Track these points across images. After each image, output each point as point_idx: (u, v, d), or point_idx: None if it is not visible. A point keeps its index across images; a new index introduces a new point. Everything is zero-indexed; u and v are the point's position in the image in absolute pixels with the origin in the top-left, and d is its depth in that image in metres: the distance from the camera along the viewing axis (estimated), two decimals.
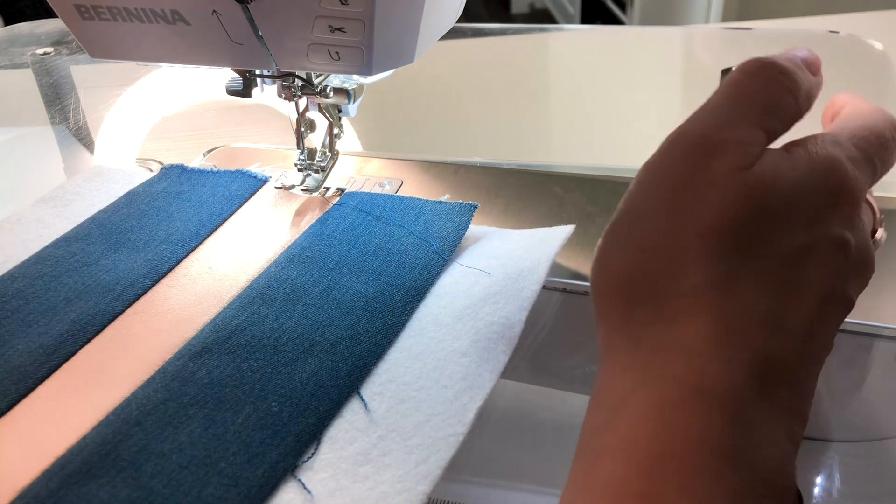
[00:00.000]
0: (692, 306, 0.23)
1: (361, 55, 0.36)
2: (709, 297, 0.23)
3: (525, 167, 0.55)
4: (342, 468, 0.29)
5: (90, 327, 0.37)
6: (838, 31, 0.77)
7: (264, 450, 0.29)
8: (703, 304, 0.23)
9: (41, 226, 0.46)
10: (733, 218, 0.24)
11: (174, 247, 0.43)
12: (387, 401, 0.32)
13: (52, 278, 0.40)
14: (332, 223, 0.44)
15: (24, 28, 0.88)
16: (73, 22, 0.38)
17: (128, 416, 0.31)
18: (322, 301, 0.38)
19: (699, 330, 0.23)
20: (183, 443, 0.30)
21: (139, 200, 0.47)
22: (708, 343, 0.23)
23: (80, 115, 0.68)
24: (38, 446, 0.30)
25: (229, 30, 0.36)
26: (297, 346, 0.35)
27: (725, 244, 0.24)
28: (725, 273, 0.23)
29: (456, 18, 0.43)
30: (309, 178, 0.49)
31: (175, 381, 0.33)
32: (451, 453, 0.30)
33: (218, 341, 0.35)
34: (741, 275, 0.23)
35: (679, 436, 0.21)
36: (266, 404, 0.31)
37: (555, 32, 1.05)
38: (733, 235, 0.24)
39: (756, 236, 0.24)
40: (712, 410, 0.22)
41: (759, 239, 0.24)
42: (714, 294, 0.23)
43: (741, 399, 0.22)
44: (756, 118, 0.26)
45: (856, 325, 0.38)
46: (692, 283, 0.23)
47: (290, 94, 0.44)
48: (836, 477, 0.36)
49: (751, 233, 0.24)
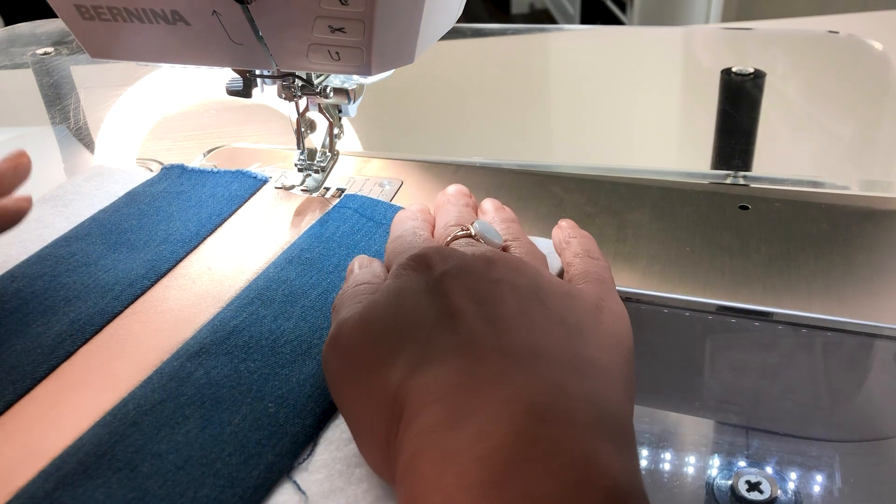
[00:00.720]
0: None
1: (361, 55, 0.36)
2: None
3: (525, 167, 0.55)
4: (338, 469, 0.29)
5: (89, 327, 0.37)
6: (838, 31, 0.76)
7: (260, 451, 0.29)
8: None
9: (41, 226, 0.46)
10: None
11: (174, 247, 0.43)
12: None
13: (51, 278, 0.40)
14: (332, 225, 0.44)
15: (24, 28, 0.88)
16: (73, 22, 0.38)
17: (125, 417, 0.31)
18: (321, 303, 0.38)
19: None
20: (179, 443, 0.29)
21: (139, 200, 0.47)
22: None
23: (80, 115, 0.68)
24: (35, 447, 0.30)
25: (229, 30, 0.36)
26: (295, 347, 0.35)
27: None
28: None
29: (456, 18, 0.43)
30: (309, 178, 0.48)
31: (172, 382, 0.33)
32: None
33: (216, 342, 0.35)
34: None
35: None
36: (263, 405, 0.31)
37: (555, 32, 1.05)
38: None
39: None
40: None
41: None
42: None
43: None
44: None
45: (856, 325, 0.38)
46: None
47: (290, 94, 0.44)
48: (837, 477, 0.36)
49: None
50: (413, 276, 0.31)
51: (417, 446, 0.24)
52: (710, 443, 0.39)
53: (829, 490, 0.35)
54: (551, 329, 0.29)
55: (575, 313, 0.31)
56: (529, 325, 0.28)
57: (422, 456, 0.24)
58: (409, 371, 0.27)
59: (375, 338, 0.29)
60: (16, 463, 0.29)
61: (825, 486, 0.35)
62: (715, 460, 0.37)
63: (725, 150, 0.60)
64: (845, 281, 0.41)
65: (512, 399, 0.24)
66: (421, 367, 0.27)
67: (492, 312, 0.29)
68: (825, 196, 0.49)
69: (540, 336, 0.28)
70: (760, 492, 0.34)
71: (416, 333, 0.28)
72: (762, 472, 0.35)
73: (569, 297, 0.32)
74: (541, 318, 0.29)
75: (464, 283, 0.30)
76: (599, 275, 0.35)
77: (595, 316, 0.31)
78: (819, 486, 0.35)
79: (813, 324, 0.39)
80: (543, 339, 0.28)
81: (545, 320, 0.29)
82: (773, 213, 0.47)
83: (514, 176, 0.53)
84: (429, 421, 0.25)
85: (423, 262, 0.31)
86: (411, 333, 0.28)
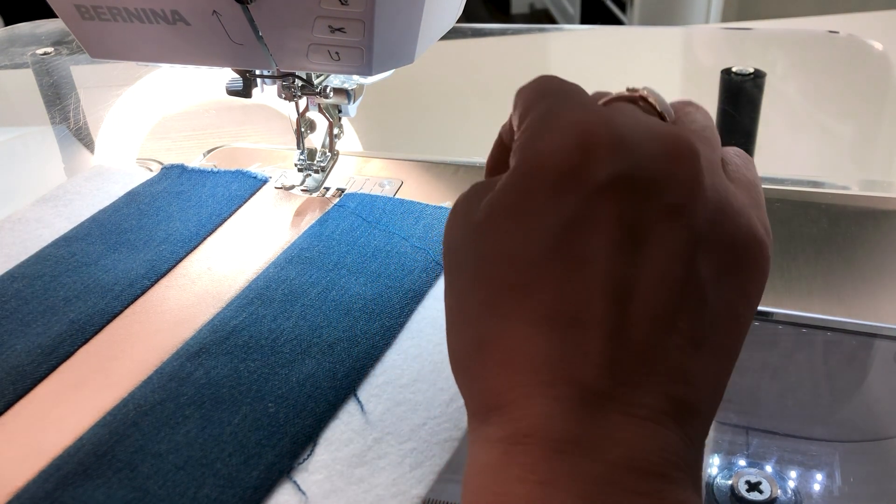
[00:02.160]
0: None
1: (361, 55, 0.36)
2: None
3: None
4: (337, 470, 0.29)
5: (89, 327, 0.37)
6: (838, 31, 0.76)
7: (260, 451, 0.29)
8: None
9: (41, 226, 0.46)
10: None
11: (173, 247, 0.43)
12: (383, 403, 0.32)
13: (51, 278, 0.40)
14: (331, 224, 0.44)
15: (24, 28, 0.88)
16: (73, 22, 0.38)
17: (125, 417, 0.31)
18: (320, 302, 0.38)
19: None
20: (179, 443, 0.29)
21: (139, 200, 0.47)
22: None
23: (80, 115, 0.68)
24: (35, 447, 0.30)
25: (229, 30, 0.36)
26: (295, 347, 0.35)
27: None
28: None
29: (456, 18, 0.43)
30: (309, 178, 0.48)
31: (172, 382, 0.33)
32: (447, 458, 0.30)
33: (216, 342, 0.35)
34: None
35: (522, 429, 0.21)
36: (263, 405, 0.31)
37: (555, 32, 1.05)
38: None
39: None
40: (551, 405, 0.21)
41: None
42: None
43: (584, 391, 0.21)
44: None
45: (856, 325, 0.38)
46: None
47: (290, 95, 0.44)
48: (837, 477, 0.36)
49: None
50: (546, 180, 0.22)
51: (511, 455, 0.21)
52: (710, 442, 0.39)
53: (828, 490, 0.35)
54: (717, 321, 0.22)
55: (748, 288, 0.23)
56: (655, 318, 0.21)
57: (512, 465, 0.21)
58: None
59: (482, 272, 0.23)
60: (16, 463, 0.29)
61: (825, 485, 0.35)
62: (715, 460, 0.37)
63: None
64: (845, 281, 0.41)
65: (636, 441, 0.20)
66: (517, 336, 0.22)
67: (627, 271, 0.21)
68: (825, 196, 0.49)
69: (664, 336, 0.21)
70: (760, 492, 0.34)
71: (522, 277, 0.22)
72: (762, 472, 0.35)
73: (724, 272, 0.23)
74: (683, 299, 0.22)
75: (622, 208, 0.22)
76: (751, 178, 0.26)
77: (732, 324, 0.23)
78: (819, 485, 0.35)
79: (813, 323, 0.39)
80: (702, 334, 0.22)
81: (677, 304, 0.22)
82: (773, 213, 0.47)
83: None
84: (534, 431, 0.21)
85: (573, 155, 0.22)
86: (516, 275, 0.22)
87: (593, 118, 0.22)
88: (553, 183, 0.22)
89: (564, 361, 0.21)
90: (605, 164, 0.22)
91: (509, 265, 0.22)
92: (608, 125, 0.22)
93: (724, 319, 0.23)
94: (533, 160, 0.23)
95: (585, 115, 0.23)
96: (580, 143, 0.22)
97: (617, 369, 0.21)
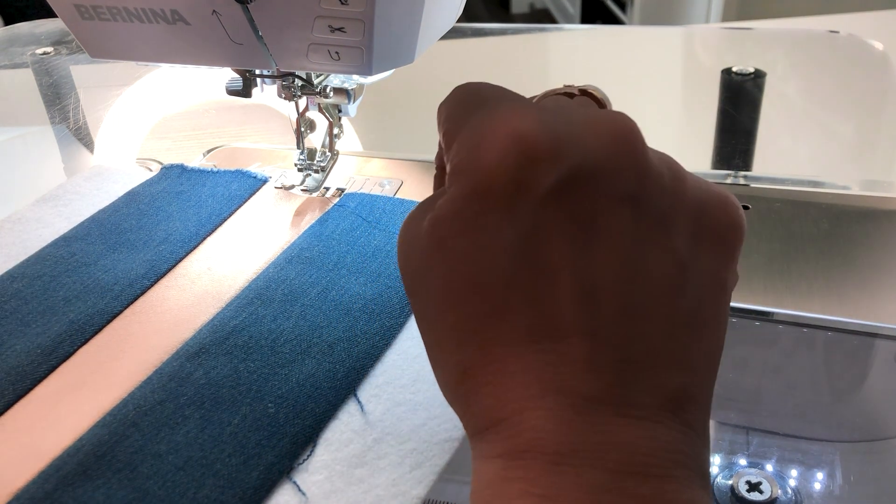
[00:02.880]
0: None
1: (361, 55, 0.36)
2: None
3: None
4: (337, 470, 0.29)
5: (88, 328, 0.37)
6: (838, 31, 0.76)
7: (260, 451, 0.29)
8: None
9: (41, 225, 0.46)
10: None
11: (173, 247, 0.43)
12: (383, 403, 0.32)
13: (51, 278, 0.40)
14: (331, 224, 0.44)
15: (24, 28, 0.88)
16: (73, 22, 0.38)
17: (124, 417, 0.31)
18: (320, 302, 0.38)
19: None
20: (179, 444, 0.29)
21: (139, 200, 0.47)
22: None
23: (80, 115, 0.68)
24: (35, 447, 0.30)
25: (229, 30, 0.36)
26: (295, 347, 0.35)
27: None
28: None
29: (456, 18, 0.43)
30: (309, 178, 0.48)
31: (172, 382, 0.33)
32: (447, 458, 0.30)
33: (215, 342, 0.35)
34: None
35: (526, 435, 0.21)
36: (263, 405, 0.31)
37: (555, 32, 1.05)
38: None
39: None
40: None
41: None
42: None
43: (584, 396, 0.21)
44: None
45: (856, 325, 0.38)
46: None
47: (290, 94, 0.44)
48: (837, 476, 0.36)
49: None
50: (490, 195, 0.21)
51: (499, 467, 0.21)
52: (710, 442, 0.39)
53: (829, 490, 0.35)
54: (702, 293, 0.22)
55: (727, 249, 0.22)
56: (632, 312, 0.21)
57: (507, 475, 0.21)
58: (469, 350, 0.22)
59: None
60: (16, 463, 0.29)
61: (825, 485, 0.35)
62: (715, 460, 0.37)
63: (726, 149, 0.60)
64: (845, 281, 0.41)
65: (607, 438, 0.20)
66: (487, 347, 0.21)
67: (592, 270, 0.21)
68: (825, 196, 0.49)
69: (644, 326, 0.21)
70: (760, 492, 0.34)
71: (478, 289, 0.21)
72: (762, 472, 0.35)
73: (699, 240, 0.22)
74: (659, 282, 0.21)
75: (574, 209, 0.21)
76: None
77: (719, 294, 0.23)
78: (819, 485, 0.35)
79: (813, 323, 0.39)
80: (649, 329, 0.21)
81: (655, 294, 0.21)
82: (773, 212, 0.47)
83: None
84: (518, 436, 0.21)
85: (514, 168, 0.21)
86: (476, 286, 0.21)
87: (527, 123, 0.21)
88: (500, 200, 0.21)
89: (551, 372, 0.21)
90: (547, 169, 0.21)
91: (474, 291, 0.22)
92: (543, 127, 0.21)
93: (709, 290, 0.22)
94: (475, 181, 0.22)
95: (519, 122, 0.21)
96: (519, 153, 0.21)
97: (604, 371, 0.21)
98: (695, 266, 0.22)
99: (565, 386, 0.21)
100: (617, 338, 0.21)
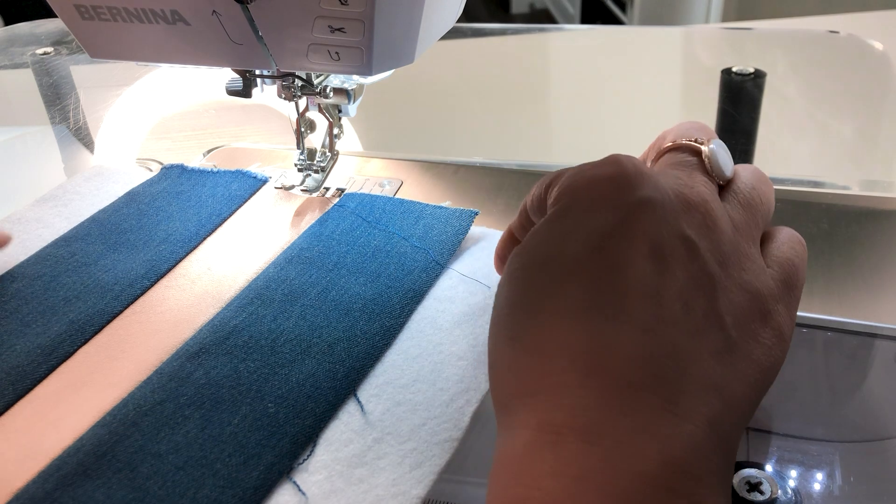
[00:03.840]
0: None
1: (361, 55, 0.36)
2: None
3: (525, 167, 0.55)
4: (337, 470, 0.29)
5: (88, 328, 0.37)
6: (838, 31, 0.76)
7: (260, 451, 0.29)
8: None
9: (41, 226, 0.46)
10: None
11: (173, 247, 0.43)
12: (383, 403, 0.32)
13: (51, 278, 0.40)
14: (331, 224, 0.44)
15: (24, 28, 0.88)
16: (73, 22, 0.38)
17: (124, 417, 0.31)
18: (320, 302, 0.38)
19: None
20: (179, 444, 0.29)
21: (139, 200, 0.47)
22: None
23: (80, 114, 0.68)
24: (35, 447, 0.30)
25: (229, 30, 0.36)
26: (295, 347, 0.35)
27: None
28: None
29: (456, 18, 0.43)
30: (309, 178, 0.48)
31: (172, 382, 0.33)
32: (447, 458, 0.30)
33: (216, 342, 0.35)
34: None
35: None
36: (263, 405, 0.31)
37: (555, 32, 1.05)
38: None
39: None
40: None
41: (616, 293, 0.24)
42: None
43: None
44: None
45: (856, 325, 0.38)
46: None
47: (290, 94, 0.44)
48: (837, 476, 0.36)
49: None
50: (586, 199, 0.25)
51: (538, 443, 0.21)
52: None
53: (829, 490, 0.35)
54: (705, 333, 0.24)
55: (739, 317, 0.25)
56: (685, 324, 0.23)
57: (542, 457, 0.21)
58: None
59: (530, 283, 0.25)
60: (16, 463, 0.29)
61: (826, 485, 0.35)
62: None
63: None
64: (845, 281, 0.41)
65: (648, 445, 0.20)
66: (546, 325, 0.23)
67: (657, 285, 0.23)
68: (825, 196, 0.49)
69: (688, 341, 0.23)
70: (761, 492, 0.34)
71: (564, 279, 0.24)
72: (762, 472, 0.35)
73: (745, 291, 0.25)
74: (699, 317, 0.24)
75: (648, 226, 0.24)
76: (796, 263, 0.28)
77: (758, 329, 0.25)
78: (819, 485, 0.35)
79: (813, 323, 0.39)
80: (690, 345, 0.23)
81: (703, 319, 0.24)
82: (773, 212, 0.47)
83: (514, 176, 0.53)
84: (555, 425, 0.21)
85: (608, 183, 0.25)
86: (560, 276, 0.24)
87: (625, 160, 0.26)
88: (591, 203, 0.25)
89: (602, 352, 0.22)
90: (634, 189, 0.25)
91: (546, 264, 0.24)
92: (636, 166, 0.26)
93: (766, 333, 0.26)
94: (573, 190, 0.26)
95: (615, 157, 0.26)
96: (613, 174, 0.25)
97: (654, 364, 0.22)
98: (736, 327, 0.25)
99: (614, 368, 0.21)
100: (669, 342, 0.22)
